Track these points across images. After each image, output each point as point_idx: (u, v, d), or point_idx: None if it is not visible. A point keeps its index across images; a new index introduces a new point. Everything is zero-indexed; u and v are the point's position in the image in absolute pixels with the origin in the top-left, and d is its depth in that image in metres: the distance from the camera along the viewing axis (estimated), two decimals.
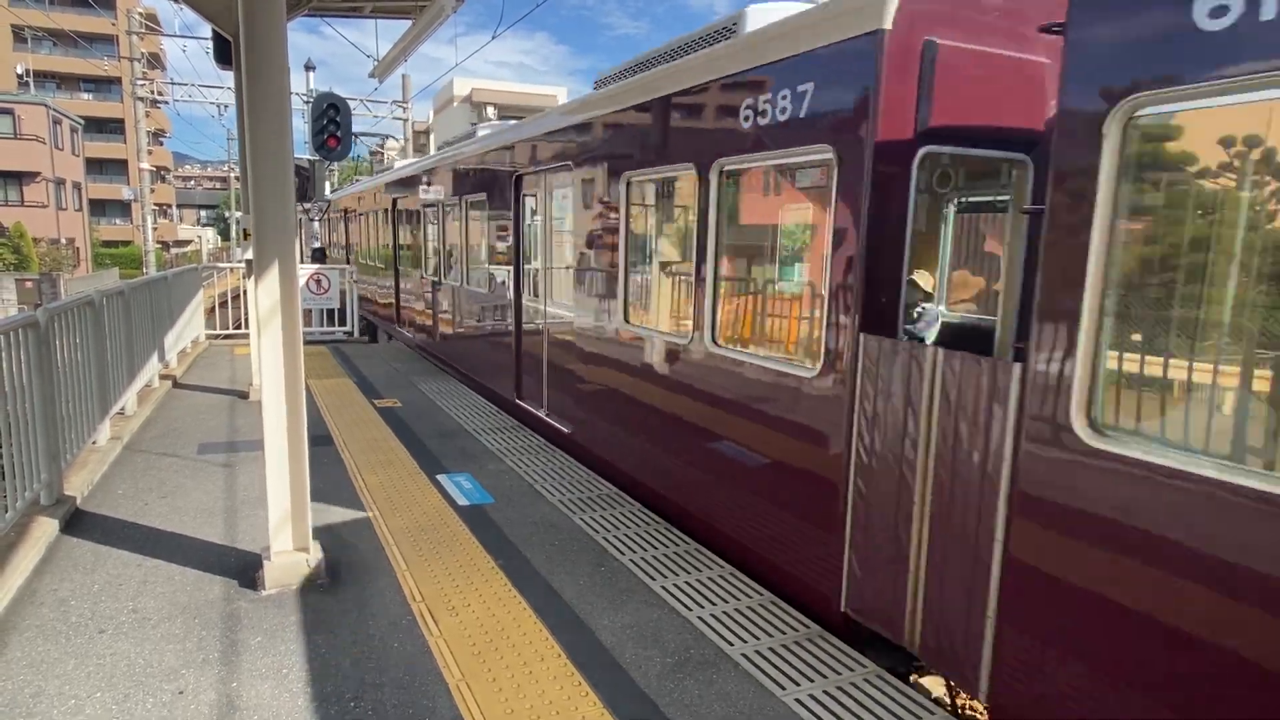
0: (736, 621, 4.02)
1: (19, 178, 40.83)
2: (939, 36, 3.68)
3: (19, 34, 46.44)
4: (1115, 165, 2.65)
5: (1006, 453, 3.11)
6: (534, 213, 8.06)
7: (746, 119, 4.54)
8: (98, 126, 52.42)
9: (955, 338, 4.80)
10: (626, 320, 6.03)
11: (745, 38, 4.87)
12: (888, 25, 3.60)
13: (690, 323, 5.10)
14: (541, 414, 7.68)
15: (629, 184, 5.96)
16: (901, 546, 3.64)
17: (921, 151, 3.78)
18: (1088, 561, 2.80)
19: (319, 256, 22.37)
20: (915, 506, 3.56)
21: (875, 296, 3.82)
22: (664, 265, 5.77)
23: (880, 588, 3.76)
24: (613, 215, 6.17)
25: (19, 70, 45.48)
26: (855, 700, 3.37)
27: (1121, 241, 2.68)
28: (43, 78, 49.27)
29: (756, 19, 4.91)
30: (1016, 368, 3.07)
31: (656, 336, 5.61)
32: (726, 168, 4.78)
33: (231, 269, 15.80)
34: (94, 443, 6.33)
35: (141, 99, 25.73)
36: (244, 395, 8.95)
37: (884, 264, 3.80)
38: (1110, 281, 2.71)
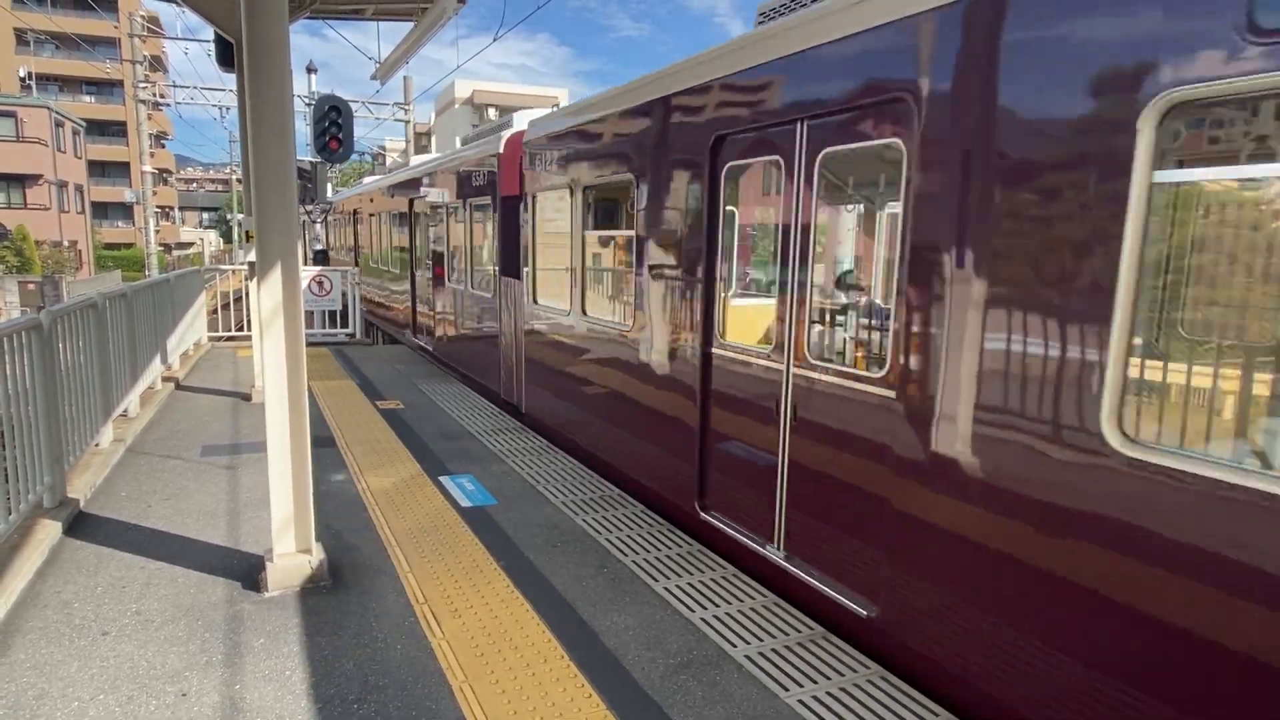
0: (739, 623, 4.01)
1: (21, 180, 40.89)
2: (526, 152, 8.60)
3: (21, 37, 46.53)
4: (533, 206, 7.93)
5: (522, 312, 8.29)
6: (415, 225, 13.49)
7: (473, 181, 9.96)
8: (100, 129, 52.51)
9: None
10: (450, 281, 11.47)
11: (469, 147, 10.65)
12: (501, 150, 8.85)
13: (465, 281, 10.61)
14: (420, 342, 13.36)
15: (449, 209, 11.26)
16: (510, 359, 8.90)
17: (526, 198, 8.23)
18: (537, 345, 7.89)
19: (321, 258, 22.39)
20: (514, 340, 8.69)
21: (507, 262, 8.88)
22: (457, 254, 11.06)
23: (509, 379, 9.03)
24: (445, 226, 11.48)
25: (21, 73, 45.57)
26: (859, 702, 3.37)
27: (531, 235, 7.95)
28: (45, 80, 49.36)
29: (521, 120, 8.92)
30: (520, 280, 8.37)
31: (456, 288, 11.12)
32: (471, 202, 10.12)
33: (234, 271, 15.81)
34: (97, 445, 6.34)
35: (144, 101, 25.76)
36: (246, 397, 8.97)
37: (509, 248, 8.80)
38: (534, 249, 7.96)
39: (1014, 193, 2.96)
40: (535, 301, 7.93)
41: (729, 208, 4.86)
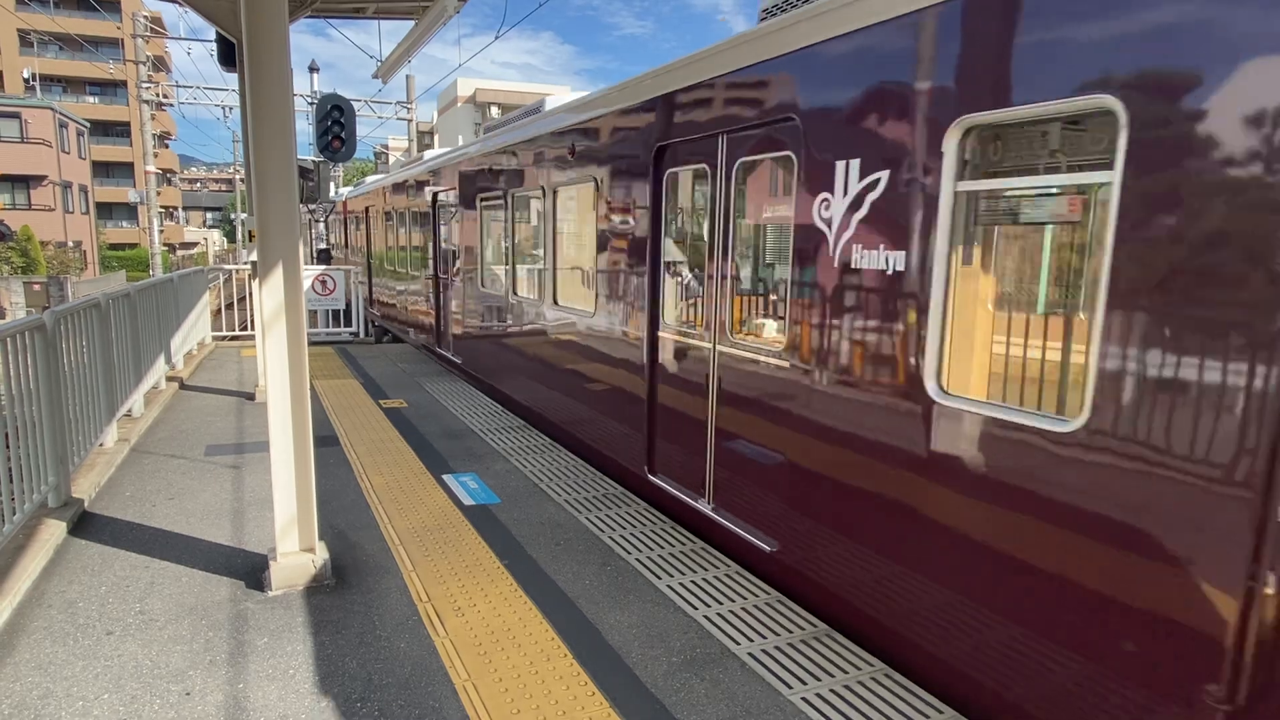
0: (742, 620, 4.01)
1: (26, 181, 40.96)
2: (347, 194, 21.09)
3: (25, 38, 46.63)
4: (350, 221, 20.78)
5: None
6: (381, 224, 17.12)
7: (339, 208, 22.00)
8: (104, 130, 52.59)
9: None
10: (346, 256, 20.77)
11: (356, 189, 22.21)
12: (343, 197, 22.06)
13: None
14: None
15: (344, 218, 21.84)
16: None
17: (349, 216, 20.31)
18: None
19: (324, 258, 22.42)
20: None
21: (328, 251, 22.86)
22: (356, 242, 19.26)
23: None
24: (358, 226, 19.14)
25: (25, 74, 45.64)
26: (862, 699, 3.37)
27: (366, 237, 18.30)
28: (49, 82, 49.45)
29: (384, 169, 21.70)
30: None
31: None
32: (350, 210, 20.81)
33: (237, 271, 15.87)
34: (101, 445, 6.36)
35: (147, 102, 25.82)
36: (250, 396, 8.98)
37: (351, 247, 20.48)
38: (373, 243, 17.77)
39: None
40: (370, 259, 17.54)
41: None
